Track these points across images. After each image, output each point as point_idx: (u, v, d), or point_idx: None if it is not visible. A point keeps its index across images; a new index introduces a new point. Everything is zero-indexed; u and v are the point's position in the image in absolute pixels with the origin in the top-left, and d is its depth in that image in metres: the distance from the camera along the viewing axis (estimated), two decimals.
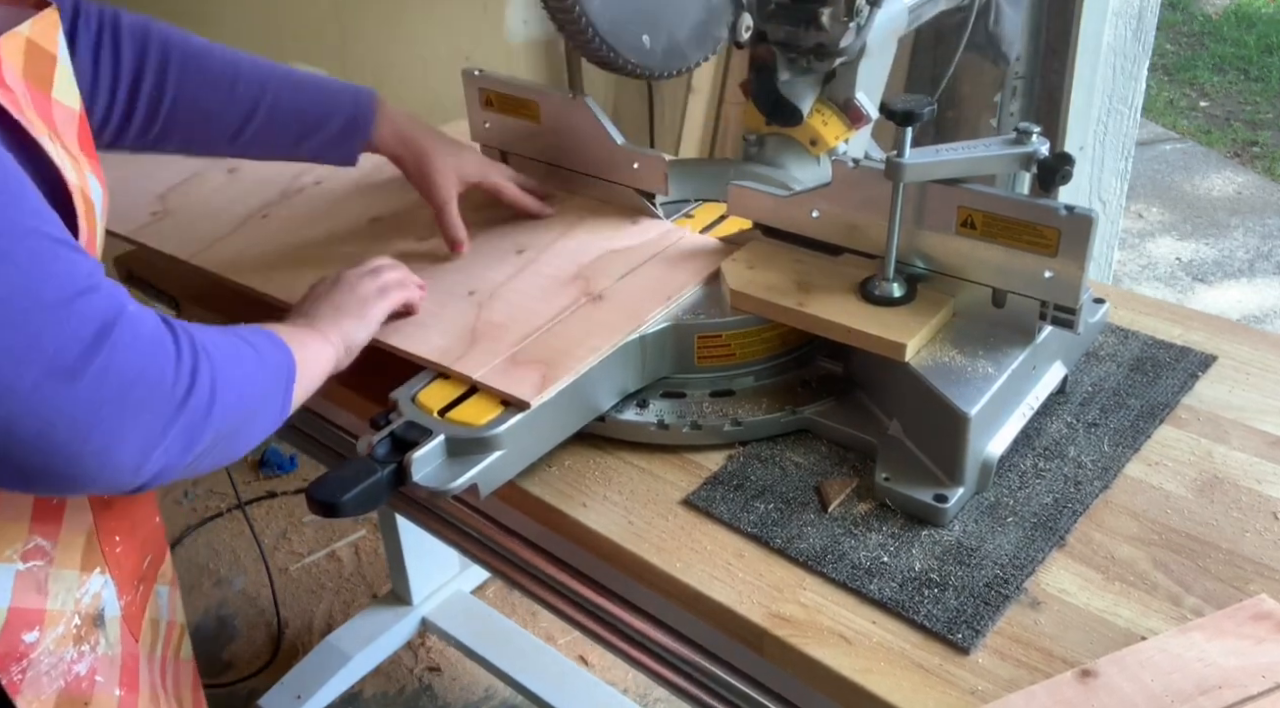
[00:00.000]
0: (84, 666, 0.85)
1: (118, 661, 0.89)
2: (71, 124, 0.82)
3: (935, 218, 1.02)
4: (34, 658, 0.80)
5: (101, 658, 0.87)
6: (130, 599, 0.91)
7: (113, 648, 0.88)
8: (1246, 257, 3.53)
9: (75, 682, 0.84)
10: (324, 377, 0.96)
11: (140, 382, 0.71)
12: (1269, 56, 4.99)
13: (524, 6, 2.75)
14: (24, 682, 0.80)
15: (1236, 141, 4.31)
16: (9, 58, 0.75)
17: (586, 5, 0.99)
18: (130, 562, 0.92)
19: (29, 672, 0.80)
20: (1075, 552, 0.93)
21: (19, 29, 0.77)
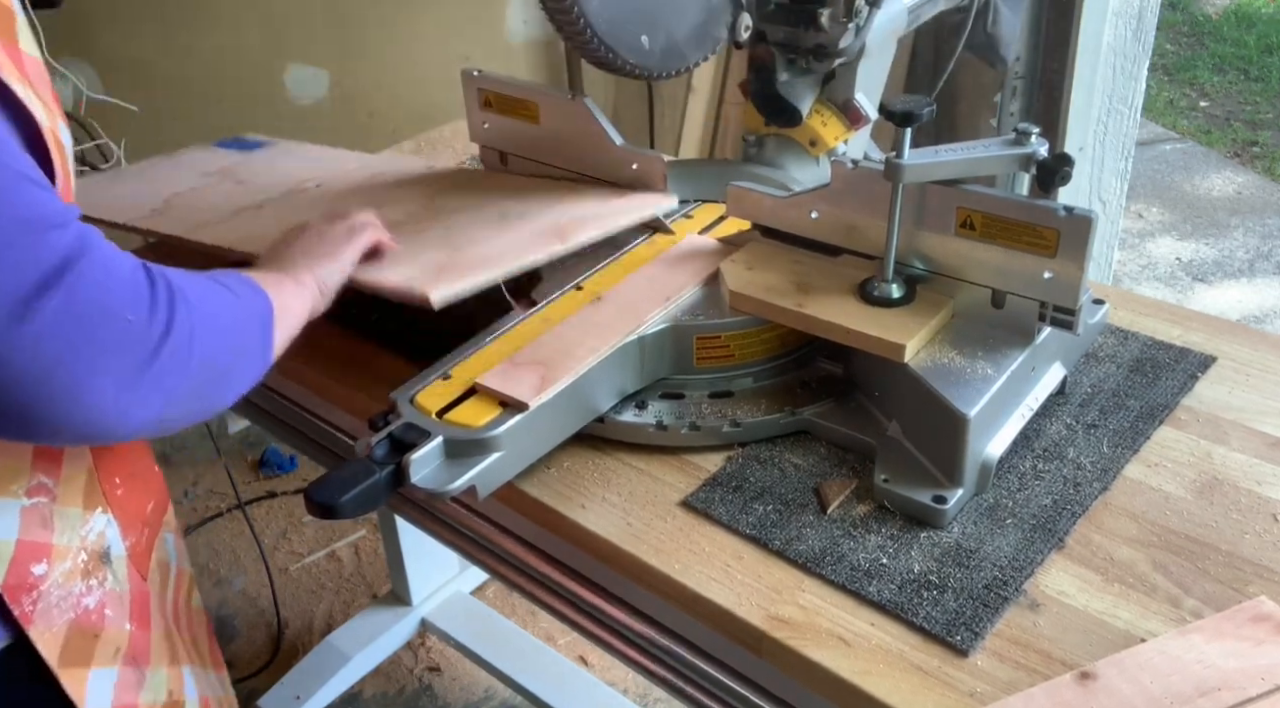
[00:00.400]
0: (93, 599, 0.87)
1: (127, 597, 0.91)
2: (42, 75, 0.82)
3: (934, 219, 1.02)
4: (44, 590, 0.83)
5: (110, 593, 0.89)
6: (135, 540, 0.94)
7: (121, 585, 0.91)
8: (1246, 257, 3.53)
9: (85, 614, 0.86)
10: (302, 321, 0.97)
11: (108, 321, 0.70)
12: (1269, 56, 4.98)
13: (523, 7, 2.75)
14: (35, 613, 0.82)
15: (1236, 141, 4.31)
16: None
17: (585, 6, 0.99)
18: (132, 504, 0.94)
19: (39, 603, 0.82)
20: (1074, 554, 0.93)
21: None
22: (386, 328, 1.28)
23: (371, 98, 2.53)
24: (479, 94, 1.34)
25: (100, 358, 0.70)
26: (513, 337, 1.07)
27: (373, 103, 2.53)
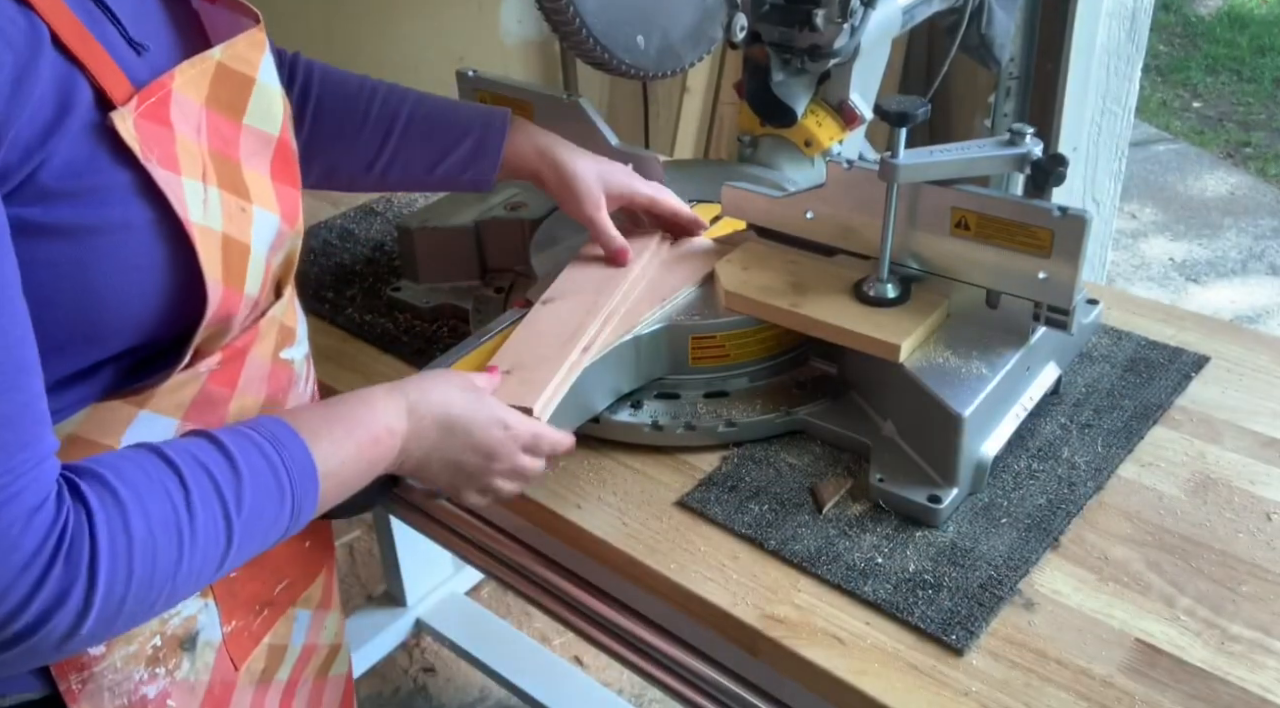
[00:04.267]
0: (154, 688, 0.80)
1: (202, 688, 0.84)
2: (264, 152, 0.78)
3: (929, 219, 1.02)
4: (96, 671, 0.76)
5: (180, 683, 0.82)
6: (241, 625, 0.86)
7: (198, 674, 0.83)
8: (1239, 257, 3.54)
9: (140, 703, 0.79)
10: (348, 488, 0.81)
11: None
12: (1261, 58, 5.00)
13: (518, 7, 2.75)
14: (82, 693, 0.76)
15: (1229, 142, 4.32)
16: (185, 87, 0.70)
17: (580, 5, 0.99)
18: (250, 589, 0.87)
19: (89, 684, 0.76)
20: (1069, 553, 0.94)
21: (211, 53, 0.73)
22: (383, 328, 1.28)
23: None
24: (474, 94, 1.34)
25: None
26: (508, 336, 1.07)
27: None
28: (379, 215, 1.55)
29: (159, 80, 0.69)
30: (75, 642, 0.64)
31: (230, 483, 0.69)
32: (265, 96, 0.78)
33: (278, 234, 0.78)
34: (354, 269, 1.41)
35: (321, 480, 0.75)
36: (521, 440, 0.89)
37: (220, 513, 0.68)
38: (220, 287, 0.72)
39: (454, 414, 0.85)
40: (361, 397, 0.81)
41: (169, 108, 0.69)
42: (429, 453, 0.84)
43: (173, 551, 0.66)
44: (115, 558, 0.63)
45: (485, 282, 1.31)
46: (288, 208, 0.80)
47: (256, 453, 0.71)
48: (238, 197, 0.74)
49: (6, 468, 0.60)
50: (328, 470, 0.75)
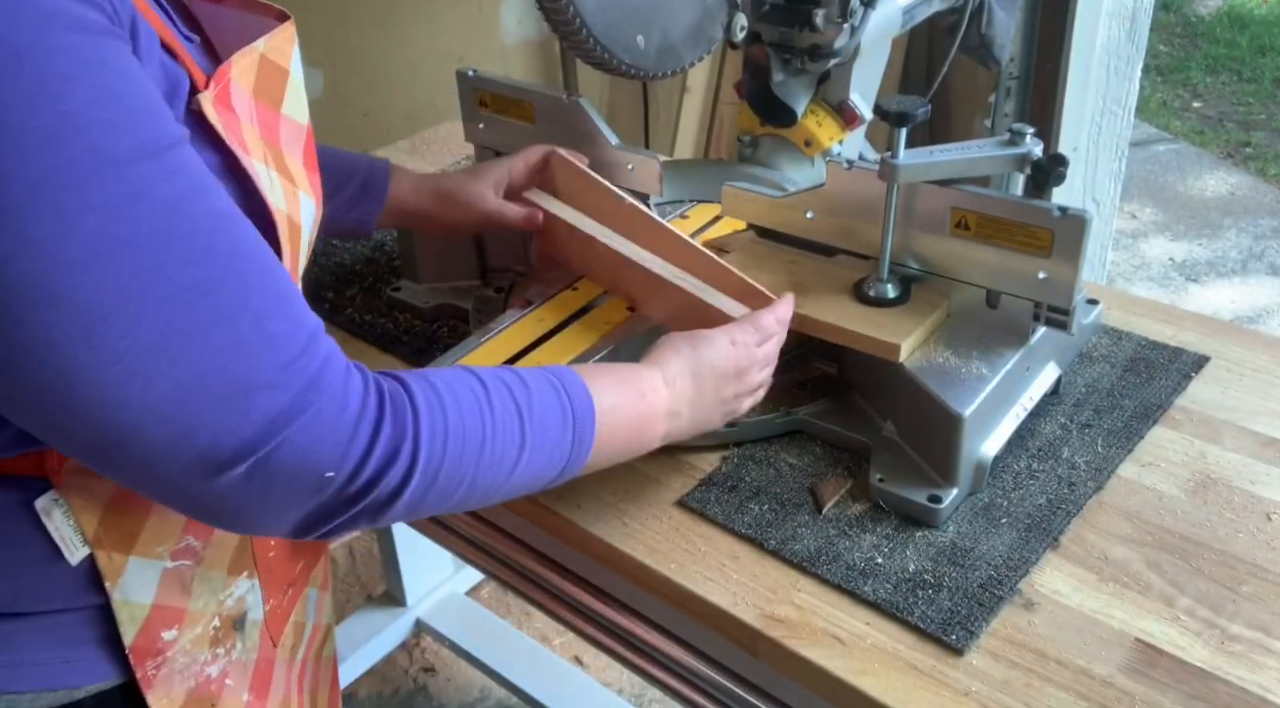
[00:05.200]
0: (216, 668, 0.83)
1: (251, 665, 0.87)
2: (299, 140, 0.81)
3: (929, 219, 1.02)
4: (170, 656, 0.80)
5: (235, 662, 0.85)
6: (276, 603, 0.90)
7: (248, 653, 0.87)
8: (1239, 257, 3.54)
9: (205, 683, 0.83)
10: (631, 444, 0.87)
11: (302, 478, 0.66)
12: (1261, 57, 5.00)
13: (518, 6, 2.75)
14: (157, 678, 0.79)
15: (1229, 142, 4.32)
16: (239, 78, 0.74)
17: (580, 5, 0.99)
18: (282, 566, 0.90)
19: (163, 669, 0.79)
20: (1069, 553, 0.94)
21: (255, 45, 0.77)
22: (383, 328, 1.28)
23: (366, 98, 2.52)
24: (474, 94, 1.34)
25: (285, 509, 0.67)
26: (507, 336, 1.07)
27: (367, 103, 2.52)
28: None
29: (221, 69, 0.73)
30: (395, 508, 0.70)
31: (523, 393, 0.76)
32: (297, 88, 0.82)
33: (315, 219, 0.82)
34: (354, 269, 1.41)
35: (599, 415, 0.81)
36: (753, 340, 0.94)
37: (515, 414, 0.75)
38: (290, 262, 0.75)
39: (690, 357, 0.91)
40: (616, 364, 0.90)
41: (230, 95, 0.73)
42: (694, 405, 0.90)
43: (478, 435, 0.72)
44: (434, 425, 0.70)
45: (485, 282, 1.31)
46: (318, 193, 0.84)
47: (542, 377, 0.79)
48: (288, 181, 0.78)
49: (307, 340, 0.67)
50: (604, 408, 0.81)
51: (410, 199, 1.19)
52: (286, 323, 0.66)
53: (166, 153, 0.62)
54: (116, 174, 0.59)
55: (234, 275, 0.64)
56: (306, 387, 0.65)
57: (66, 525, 0.73)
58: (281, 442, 0.64)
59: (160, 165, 0.61)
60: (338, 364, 0.68)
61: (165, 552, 0.78)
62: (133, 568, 0.76)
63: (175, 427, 0.62)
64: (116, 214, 0.59)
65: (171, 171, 0.62)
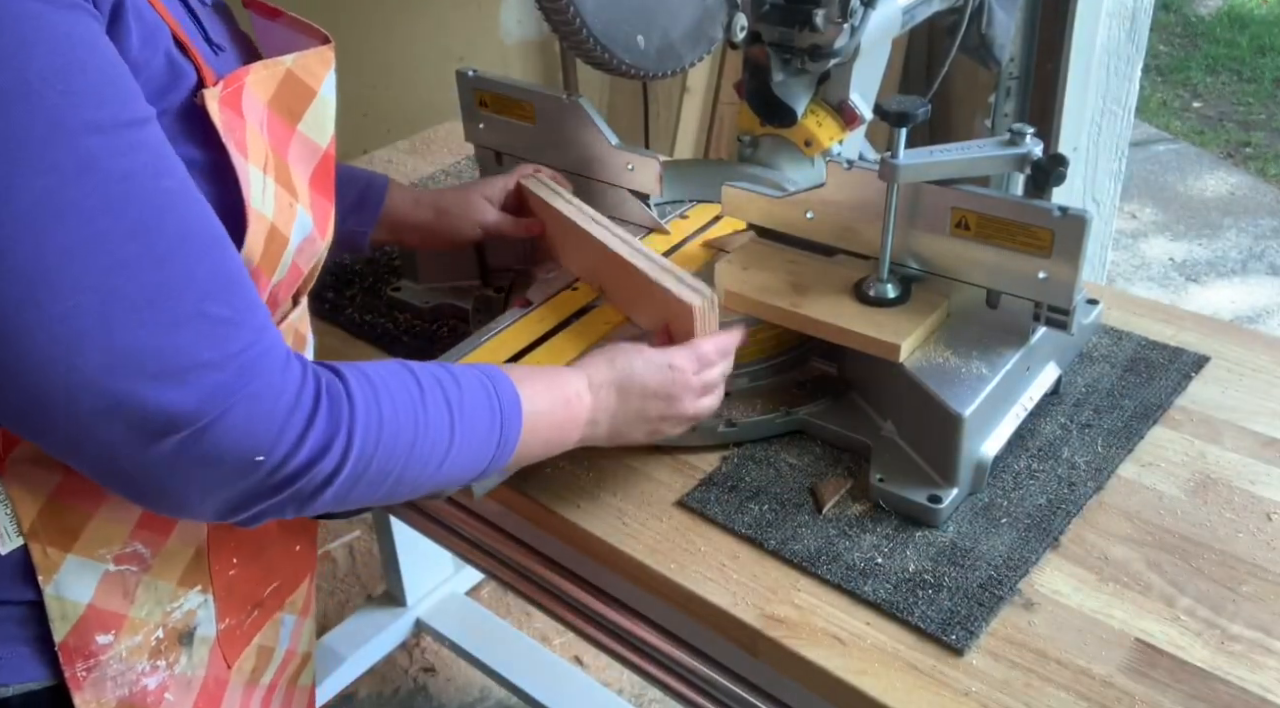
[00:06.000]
0: (154, 680, 0.82)
1: (197, 683, 0.86)
2: (310, 160, 0.82)
3: (929, 219, 1.02)
4: (103, 660, 0.79)
5: (177, 677, 0.84)
6: (234, 623, 0.88)
7: (194, 669, 0.85)
8: (1239, 257, 3.54)
9: (140, 694, 0.81)
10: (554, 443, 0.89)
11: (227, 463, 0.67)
12: (1261, 57, 5.00)
13: (518, 6, 2.75)
14: (87, 680, 0.78)
15: (1229, 142, 4.32)
16: (255, 85, 0.76)
17: (580, 5, 0.99)
18: (245, 586, 0.89)
19: (94, 672, 0.78)
20: (1069, 553, 0.94)
21: (283, 59, 0.78)
22: (383, 328, 1.28)
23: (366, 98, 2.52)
24: (474, 94, 1.34)
25: (210, 489, 0.68)
26: (507, 336, 1.07)
27: (367, 103, 2.53)
28: None
29: (235, 73, 0.75)
30: (330, 493, 0.71)
31: (455, 392, 0.78)
32: (322, 109, 0.83)
33: (307, 238, 0.82)
34: (354, 269, 1.41)
35: (525, 418, 0.83)
36: (690, 367, 0.94)
37: (447, 412, 0.77)
38: (255, 265, 0.76)
39: (622, 372, 0.91)
40: (548, 367, 0.92)
41: (241, 99, 0.74)
42: (615, 417, 0.91)
43: (410, 430, 0.74)
44: (368, 418, 0.71)
45: (485, 282, 1.31)
46: (320, 216, 0.84)
47: (475, 377, 0.80)
48: (288, 192, 0.79)
49: (250, 326, 0.68)
50: (530, 412, 0.83)
51: (410, 213, 1.21)
52: (229, 308, 0.67)
53: (126, 129, 0.63)
54: (70, 143, 0.60)
55: (180, 254, 0.65)
56: (243, 370, 0.66)
57: (2, 514, 0.72)
58: (213, 421, 0.65)
59: (117, 140, 0.62)
60: (277, 353, 0.69)
61: (109, 555, 0.77)
62: (70, 566, 0.75)
63: (106, 397, 0.63)
64: (65, 181, 0.60)
65: (128, 147, 0.63)
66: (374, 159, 1.72)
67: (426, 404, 0.76)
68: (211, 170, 0.71)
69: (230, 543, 0.86)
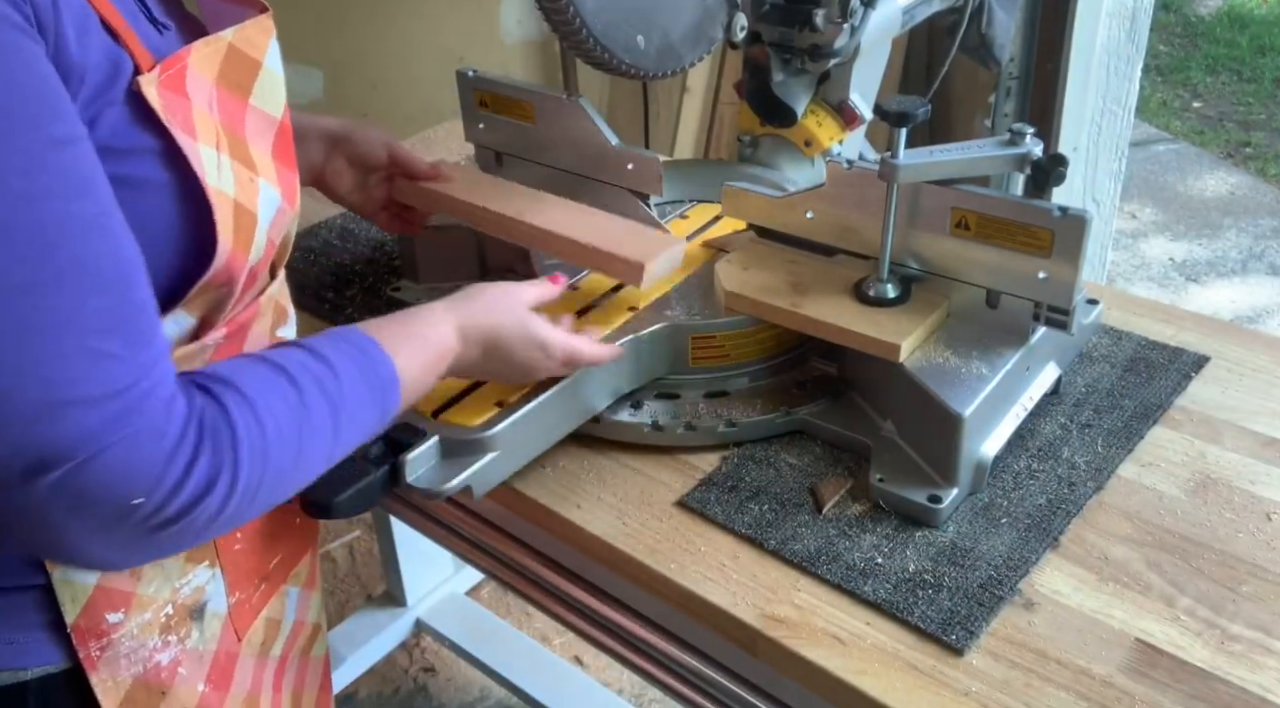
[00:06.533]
0: (167, 656, 0.83)
1: (209, 657, 0.87)
2: (267, 132, 0.82)
3: (929, 219, 1.02)
4: (115, 639, 0.79)
5: (189, 652, 0.85)
6: (243, 597, 0.90)
7: (206, 644, 0.87)
8: (1239, 257, 3.54)
9: (155, 670, 0.83)
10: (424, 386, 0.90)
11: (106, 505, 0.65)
12: (1261, 57, 5.00)
13: (518, 6, 2.75)
14: (101, 660, 0.79)
15: (1229, 142, 4.32)
16: (198, 64, 0.75)
17: (580, 5, 0.99)
18: (251, 560, 0.90)
19: (108, 651, 0.79)
20: (1069, 553, 0.94)
21: (223, 34, 0.78)
22: None
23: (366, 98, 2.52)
24: (474, 94, 1.34)
25: (89, 531, 0.66)
26: None
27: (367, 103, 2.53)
28: None
29: (177, 54, 0.74)
30: (218, 524, 0.70)
31: (334, 385, 0.77)
32: (270, 81, 0.82)
33: (278, 211, 0.82)
34: (354, 269, 1.41)
35: (402, 386, 0.83)
36: (558, 358, 0.96)
37: (328, 411, 0.76)
38: (229, 247, 0.76)
39: (498, 338, 0.92)
40: (424, 316, 0.89)
41: (185, 80, 0.74)
42: (470, 368, 0.93)
43: (294, 443, 0.74)
44: (252, 444, 0.70)
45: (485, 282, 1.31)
46: (287, 187, 0.84)
47: (349, 360, 0.80)
48: (247, 168, 0.79)
49: (137, 364, 0.66)
50: (407, 379, 0.84)
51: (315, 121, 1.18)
52: (118, 343, 0.65)
53: (39, 149, 0.61)
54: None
55: (70, 286, 0.62)
56: (124, 409, 0.64)
57: None
58: (88, 460, 0.63)
59: (28, 160, 0.61)
60: (162, 392, 0.67)
61: None
62: None
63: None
64: None
65: (39, 169, 0.61)
66: None
67: (308, 408, 0.75)
68: (166, 153, 0.71)
69: None
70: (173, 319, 0.76)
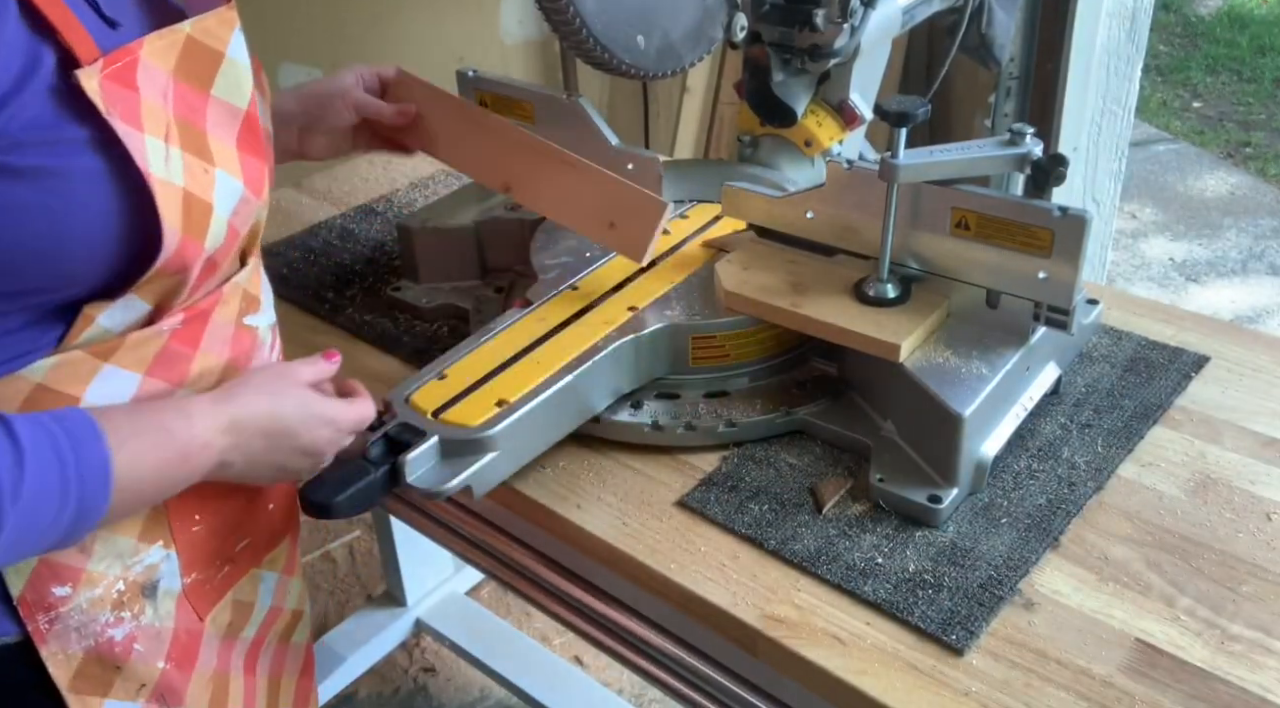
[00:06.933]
0: (121, 631, 0.84)
1: (167, 635, 0.88)
2: (231, 123, 0.82)
3: (929, 219, 1.02)
4: (63, 613, 0.81)
5: (145, 629, 0.86)
6: (203, 577, 0.90)
7: (162, 621, 0.87)
8: (1239, 257, 3.54)
9: (108, 644, 0.84)
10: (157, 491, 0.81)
11: None
12: (1261, 57, 5.00)
13: (518, 7, 2.75)
14: (50, 632, 0.80)
15: (1229, 142, 4.32)
16: (152, 56, 0.76)
17: (580, 6, 0.99)
18: (212, 543, 0.91)
19: (56, 624, 0.80)
20: (1069, 553, 0.94)
21: (180, 26, 0.78)
22: (383, 328, 1.28)
23: None
24: (474, 94, 1.34)
25: None
26: (508, 337, 1.07)
27: None
28: (379, 215, 1.55)
29: (127, 47, 0.74)
30: None
31: (11, 473, 0.68)
32: (234, 71, 0.82)
33: (241, 200, 0.82)
34: (354, 269, 1.41)
35: (116, 490, 0.74)
36: (347, 429, 0.91)
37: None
38: (178, 235, 0.76)
39: (280, 424, 0.85)
40: (180, 408, 0.80)
41: (135, 73, 0.74)
42: (253, 461, 0.85)
43: None
44: None
45: (485, 282, 1.31)
46: (252, 177, 0.84)
47: (49, 448, 0.70)
48: (201, 159, 0.79)
49: None
50: (125, 482, 0.74)
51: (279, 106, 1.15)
52: None
53: None
54: None
55: None
56: None
57: None
58: None
59: None
60: None
61: None
62: None
63: None
64: None
65: None
66: (374, 159, 1.72)
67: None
68: (103, 143, 0.71)
69: (193, 502, 0.87)
70: (124, 304, 0.77)
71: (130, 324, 0.79)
